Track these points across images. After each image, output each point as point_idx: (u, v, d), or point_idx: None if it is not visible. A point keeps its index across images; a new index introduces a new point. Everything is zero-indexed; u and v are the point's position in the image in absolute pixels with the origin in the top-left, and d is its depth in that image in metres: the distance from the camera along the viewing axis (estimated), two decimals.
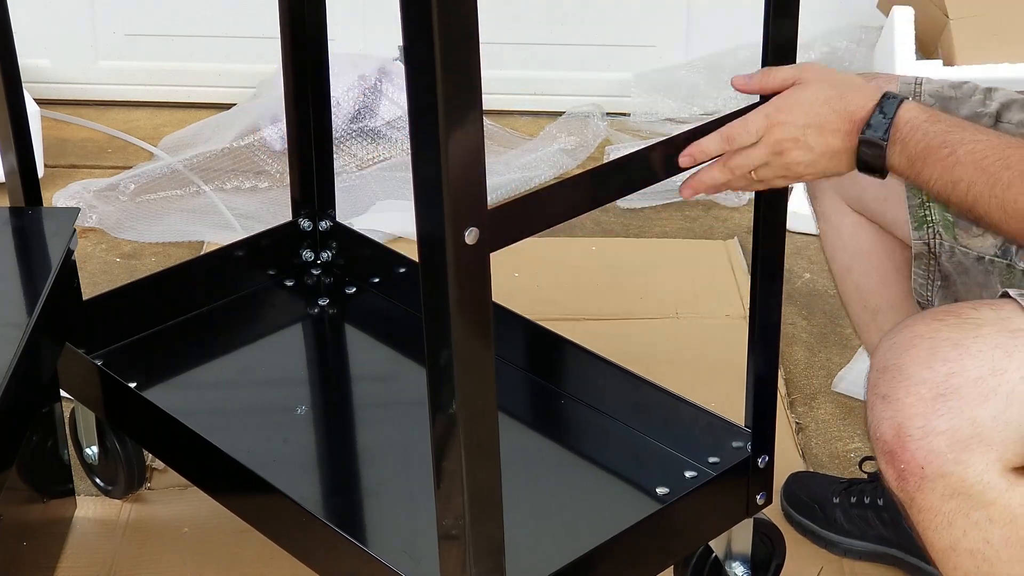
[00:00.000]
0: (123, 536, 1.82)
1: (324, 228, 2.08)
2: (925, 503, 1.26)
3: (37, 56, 3.19)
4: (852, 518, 1.81)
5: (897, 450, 1.25)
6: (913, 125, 1.34)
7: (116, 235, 2.63)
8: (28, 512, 1.67)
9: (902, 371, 1.25)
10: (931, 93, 1.56)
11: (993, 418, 1.21)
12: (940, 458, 1.23)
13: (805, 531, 1.85)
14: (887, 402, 1.25)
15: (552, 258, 2.52)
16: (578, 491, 1.67)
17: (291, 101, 2.03)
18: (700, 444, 1.67)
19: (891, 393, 1.25)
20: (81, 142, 3.04)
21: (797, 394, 2.18)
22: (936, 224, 1.54)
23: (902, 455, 1.24)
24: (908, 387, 1.24)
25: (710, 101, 3.07)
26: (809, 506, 1.86)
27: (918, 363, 1.24)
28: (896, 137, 1.34)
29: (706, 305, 2.40)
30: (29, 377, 1.54)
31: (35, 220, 1.75)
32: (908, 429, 1.23)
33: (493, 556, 1.30)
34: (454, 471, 1.24)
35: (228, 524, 1.83)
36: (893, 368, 1.26)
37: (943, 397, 1.22)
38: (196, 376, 1.90)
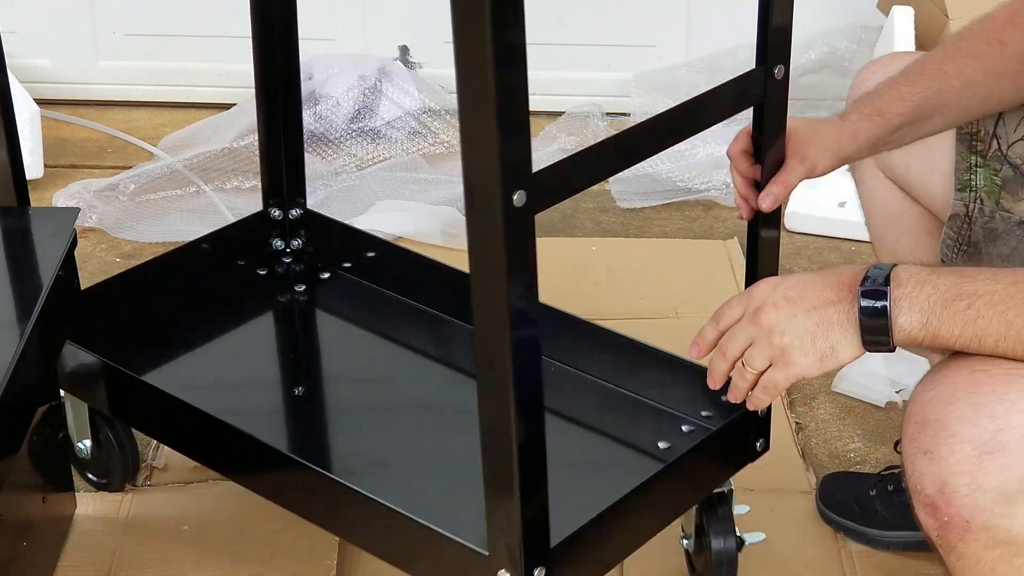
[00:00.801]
0: (123, 534, 1.82)
1: (295, 216, 2.09)
2: (967, 552, 1.24)
3: (37, 56, 3.19)
4: (893, 505, 1.81)
5: (941, 505, 1.23)
6: (918, 279, 1.25)
7: (116, 235, 2.63)
8: (28, 510, 1.68)
9: (946, 427, 1.22)
10: None
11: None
12: (986, 512, 1.21)
13: (845, 531, 1.85)
14: (930, 458, 1.22)
15: (552, 258, 2.51)
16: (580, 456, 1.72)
17: (260, 88, 2.04)
18: (691, 399, 1.73)
19: (934, 449, 1.22)
20: (81, 142, 3.04)
21: (797, 394, 2.18)
22: (979, 189, 1.56)
23: (946, 510, 1.22)
24: (953, 444, 1.21)
25: None
26: (846, 504, 1.86)
27: (962, 420, 1.21)
28: (900, 293, 1.24)
29: (706, 305, 2.39)
30: (29, 376, 1.55)
31: (35, 220, 1.75)
32: (953, 486, 1.21)
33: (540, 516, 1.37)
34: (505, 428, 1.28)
35: (228, 521, 1.83)
36: (935, 423, 1.22)
37: (990, 455, 1.20)
38: (185, 365, 1.91)
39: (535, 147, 3.21)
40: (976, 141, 1.57)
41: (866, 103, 1.55)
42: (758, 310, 1.33)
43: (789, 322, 1.30)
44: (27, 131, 2.76)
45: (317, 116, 2.96)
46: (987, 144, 1.57)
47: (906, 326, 1.24)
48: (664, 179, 2.83)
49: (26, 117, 2.76)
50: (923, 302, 1.23)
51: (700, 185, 2.79)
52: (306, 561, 1.75)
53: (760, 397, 1.36)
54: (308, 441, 1.80)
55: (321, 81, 3.00)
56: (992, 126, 1.59)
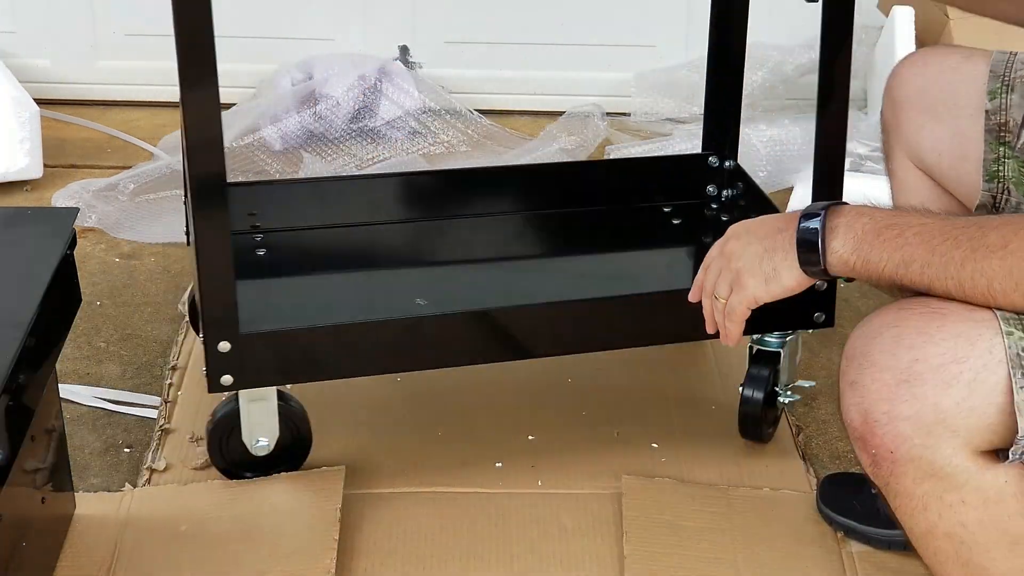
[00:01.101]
0: (122, 534, 1.82)
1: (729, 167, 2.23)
2: (899, 487, 1.29)
3: (37, 56, 3.19)
4: None
5: (866, 435, 1.28)
6: (857, 210, 1.36)
7: (115, 235, 2.63)
8: (28, 511, 1.68)
9: (868, 358, 1.28)
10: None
11: (956, 405, 1.24)
12: (908, 442, 1.26)
13: (846, 530, 1.85)
14: (854, 389, 1.28)
15: None
16: None
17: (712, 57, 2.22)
18: None
19: (858, 380, 1.28)
20: (81, 142, 3.04)
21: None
22: (1008, 180, 1.58)
23: (871, 440, 1.27)
24: (873, 373, 1.27)
25: None
26: (847, 504, 1.86)
27: (883, 351, 1.27)
28: (835, 223, 1.35)
29: None
30: (29, 377, 1.55)
31: (34, 220, 1.75)
32: (874, 415, 1.27)
33: None
34: None
35: (227, 521, 1.83)
36: (860, 355, 1.29)
37: (907, 383, 1.25)
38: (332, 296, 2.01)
39: (535, 147, 3.19)
40: (1004, 132, 1.59)
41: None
42: (725, 241, 1.46)
43: (744, 249, 1.43)
44: (27, 131, 2.77)
45: (317, 116, 2.96)
46: (1016, 135, 1.59)
47: (839, 249, 1.35)
48: None
49: (26, 117, 2.76)
50: (858, 230, 1.34)
51: None
52: (305, 561, 1.75)
53: (727, 326, 1.49)
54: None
55: (321, 81, 3.00)
56: (1020, 117, 1.61)
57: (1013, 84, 1.63)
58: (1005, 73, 1.64)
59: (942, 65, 1.69)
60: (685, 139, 2.91)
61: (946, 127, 1.67)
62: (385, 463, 1.98)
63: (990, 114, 1.62)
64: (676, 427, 2.07)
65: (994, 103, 1.62)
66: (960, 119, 1.64)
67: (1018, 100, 1.61)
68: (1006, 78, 1.64)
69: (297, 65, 3.06)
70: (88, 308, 2.37)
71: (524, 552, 1.81)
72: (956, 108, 1.66)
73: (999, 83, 1.63)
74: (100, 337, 2.31)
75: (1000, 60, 1.65)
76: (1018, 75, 1.63)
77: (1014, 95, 1.62)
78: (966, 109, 1.64)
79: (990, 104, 1.63)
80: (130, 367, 2.22)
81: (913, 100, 1.72)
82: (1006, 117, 1.61)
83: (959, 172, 1.66)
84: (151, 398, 2.14)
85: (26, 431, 1.61)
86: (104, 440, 2.05)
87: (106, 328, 2.33)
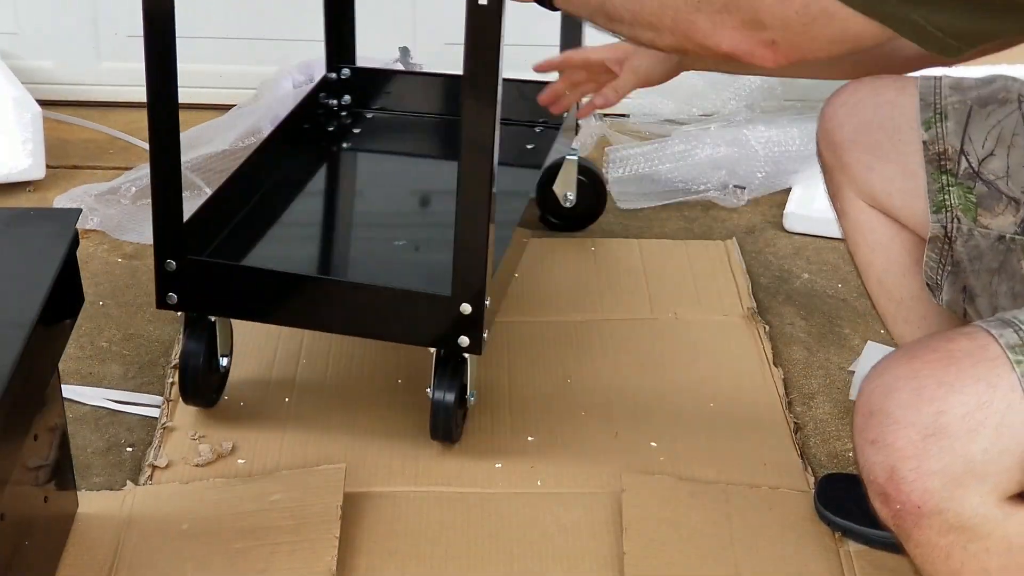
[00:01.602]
0: (124, 532, 1.83)
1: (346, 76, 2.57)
2: (922, 538, 1.27)
3: (40, 57, 3.19)
4: None
5: (891, 492, 1.26)
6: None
7: (118, 237, 2.63)
8: (30, 510, 1.68)
9: (889, 415, 1.26)
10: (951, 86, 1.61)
11: (984, 451, 1.23)
12: (935, 496, 1.24)
13: (844, 531, 1.86)
14: (877, 447, 1.27)
15: (552, 258, 2.53)
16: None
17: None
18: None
19: (880, 438, 1.26)
20: (83, 143, 3.04)
21: (795, 394, 2.19)
22: (955, 208, 1.56)
23: (896, 496, 1.26)
24: (897, 430, 1.25)
25: (709, 102, 3.08)
26: (845, 505, 1.86)
27: (904, 406, 1.25)
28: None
29: (705, 305, 2.41)
30: (31, 376, 1.55)
31: (37, 221, 1.76)
32: (901, 472, 1.25)
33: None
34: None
35: (229, 520, 1.84)
36: (879, 412, 1.27)
37: (933, 437, 1.23)
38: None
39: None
40: (945, 160, 1.58)
41: None
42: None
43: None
44: (29, 132, 2.77)
45: None
46: (956, 162, 1.58)
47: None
48: (664, 180, 2.83)
49: (28, 118, 2.76)
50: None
51: (699, 186, 2.80)
52: (306, 560, 1.76)
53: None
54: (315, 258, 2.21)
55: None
56: (959, 143, 1.60)
57: (945, 111, 1.61)
58: (935, 101, 1.62)
59: (877, 100, 1.67)
60: (684, 140, 2.91)
61: (894, 165, 1.66)
62: (385, 462, 1.98)
63: (928, 144, 1.61)
64: (675, 426, 2.08)
65: (930, 133, 1.61)
66: (906, 155, 1.62)
67: (953, 127, 1.60)
68: (937, 106, 1.62)
69: (298, 67, 3.07)
70: (91, 308, 2.37)
71: (524, 552, 1.82)
72: (900, 144, 1.64)
73: (931, 112, 1.62)
74: (103, 337, 2.31)
75: (927, 86, 1.63)
76: (948, 101, 1.61)
77: (949, 122, 1.61)
78: (910, 144, 1.62)
79: (927, 134, 1.61)
80: (132, 367, 2.23)
81: (856, 141, 1.69)
82: (944, 145, 1.60)
83: (913, 209, 1.64)
84: (153, 397, 2.15)
85: (29, 430, 1.61)
86: (106, 439, 2.06)
87: (109, 328, 2.34)
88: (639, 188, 2.82)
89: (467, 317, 1.87)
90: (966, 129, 1.59)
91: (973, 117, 1.60)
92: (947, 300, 1.59)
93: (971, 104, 1.61)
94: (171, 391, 2.14)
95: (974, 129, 1.59)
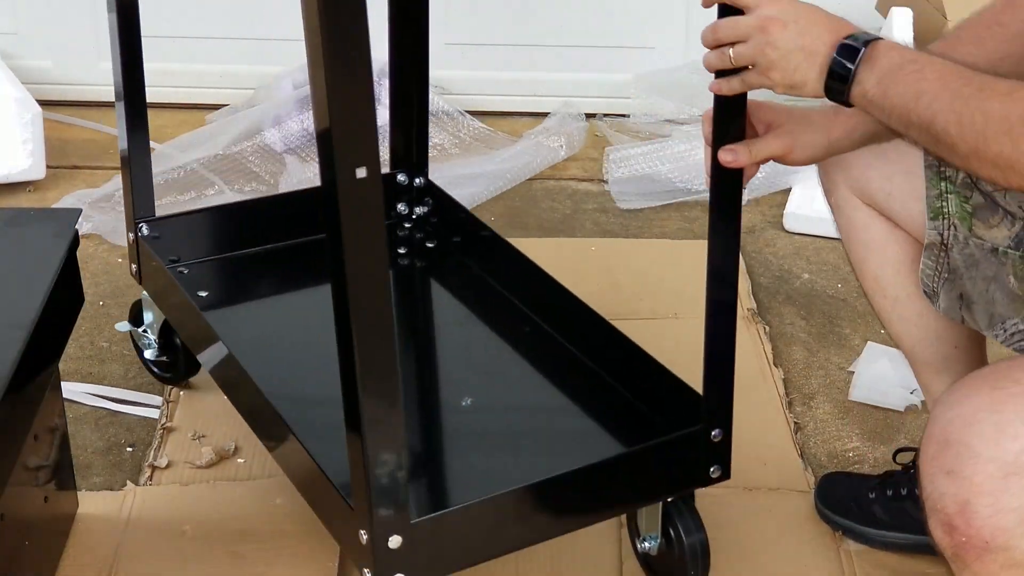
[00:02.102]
0: (124, 533, 1.83)
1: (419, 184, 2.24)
2: (983, 571, 1.26)
3: (40, 57, 3.20)
4: (892, 511, 1.82)
5: (960, 526, 1.24)
6: (889, 46, 1.36)
7: (114, 241, 2.63)
8: (30, 510, 1.68)
9: (969, 448, 1.23)
10: None
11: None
12: (1007, 533, 1.23)
13: (844, 529, 1.86)
14: (952, 478, 1.24)
15: (552, 258, 2.52)
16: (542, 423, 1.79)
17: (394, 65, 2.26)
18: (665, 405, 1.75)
19: (957, 470, 1.24)
20: (83, 143, 3.05)
21: (795, 394, 2.19)
22: (952, 216, 1.55)
23: (966, 530, 1.24)
24: (976, 465, 1.23)
25: (709, 102, 3.07)
26: (845, 504, 1.86)
27: (985, 439, 1.23)
28: (872, 54, 1.35)
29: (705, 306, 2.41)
30: (32, 377, 1.55)
31: (37, 221, 1.76)
32: (975, 507, 1.23)
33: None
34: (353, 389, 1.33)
35: (229, 521, 1.84)
36: (957, 444, 1.24)
37: (1016, 476, 1.21)
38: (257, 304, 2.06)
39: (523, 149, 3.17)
40: (944, 167, 1.57)
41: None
42: (771, 19, 1.41)
43: (788, 44, 1.40)
44: (29, 132, 2.77)
45: None
46: (955, 170, 1.57)
47: (864, 81, 1.35)
48: (663, 180, 2.83)
49: (28, 118, 2.77)
50: (884, 64, 1.34)
51: (699, 186, 2.80)
52: (307, 562, 1.76)
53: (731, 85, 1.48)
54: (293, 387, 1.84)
55: None
56: None
57: None
58: None
59: None
60: (684, 140, 2.91)
61: (895, 165, 1.65)
62: None
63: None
64: None
65: None
66: (908, 156, 1.60)
67: None
68: None
69: (299, 67, 3.07)
70: (91, 308, 2.37)
71: (524, 552, 1.82)
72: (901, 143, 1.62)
73: None
74: (103, 337, 2.31)
75: None
76: None
77: None
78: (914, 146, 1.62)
79: None
80: (132, 367, 2.23)
81: None
82: None
83: (911, 211, 1.63)
84: (153, 397, 2.15)
85: (29, 430, 1.61)
86: (106, 439, 2.06)
87: (108, 328, 2.34)
88: (639, 188, 2.82)
89: (719, 444, 1.64)
90: None
91: None
92: (944, 307, 1.58)
93: None
94: (170, 392, 2.14)
95: None
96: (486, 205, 2.76)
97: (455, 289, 2.11)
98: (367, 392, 1.32)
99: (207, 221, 2.13)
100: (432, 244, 2.20)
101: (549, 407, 1.81)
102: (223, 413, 2.08)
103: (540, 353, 1.91)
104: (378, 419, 1.34)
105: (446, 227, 2.21)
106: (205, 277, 2.07)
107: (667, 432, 1.65)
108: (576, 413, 1.78)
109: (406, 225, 2.23)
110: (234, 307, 2.04)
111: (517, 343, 1.94)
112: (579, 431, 1.76)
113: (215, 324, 1.85)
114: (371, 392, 1.32)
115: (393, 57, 2.20)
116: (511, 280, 2.06)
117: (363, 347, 1.30)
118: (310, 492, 1.62)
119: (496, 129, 3.07)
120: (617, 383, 1.82)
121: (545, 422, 1.79)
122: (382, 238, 1.27)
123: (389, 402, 1.34)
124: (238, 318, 2.01)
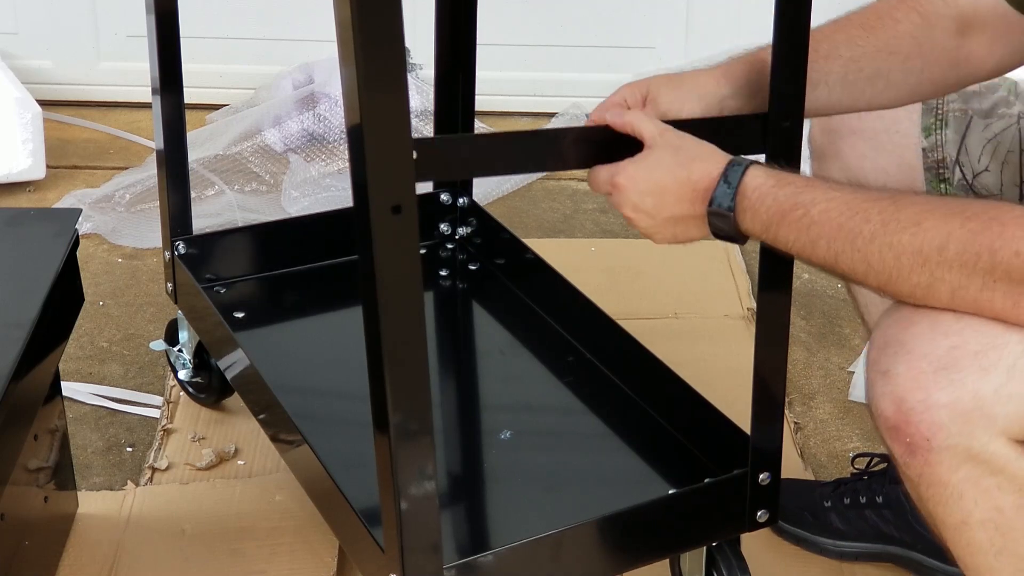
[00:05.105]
0: (124, 533, 1.83)
1: (462, 204, 2.17)
2: (934, 477, 1.24)
3: (40, 57, 3.20)
4: (849, 519, 1.80)
5: (900, 424, 1.24)
6: (761, 192, 1.32)
7: (114, 242, 2.63)
8: (30, 510, 1.68)
9: (903, 345, 1.24)
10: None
11: (995, 391, 1.20)
12: (944, 430, 1.22)
13: (797, 540, 1.83)
14: (887, 377, 1.24)
15: (552, 258, 2.52)
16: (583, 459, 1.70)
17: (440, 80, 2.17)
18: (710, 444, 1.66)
19: (892, 368, 1.24)
20: (83, 143, 3.05)
21: (795, 394, 2.19)
22: None
23: (906, 428, 1.23)
24: (909, 361, 1.23)
25: None
26: (798, 514, 1.84)
27: (919, 337, 1.23)
28: (744, 205, 1.32)
29: (705, 305, 2.41)
30: (32, 376, 1.55)
31: (37, 221, 1.76)
32: (909, 403, 1.22)
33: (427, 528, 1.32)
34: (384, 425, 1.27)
35: (228, 521, 1.84)
36: (894, 343, 1.25)
37: (944, 370, 1.21)
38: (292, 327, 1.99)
39: None
40: (943, 169, 1.57)
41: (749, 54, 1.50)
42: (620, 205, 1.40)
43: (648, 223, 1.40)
44: (29, 132, 2.78)
45: (317, 117, 2.97)
46: (951, 171, 1.57)
47: (751, 231, 1.34)
48: None
49: (28, 118, 2.77)
50: (763, 214, 1.31)
51: None
52: (306, 560, 1.76)
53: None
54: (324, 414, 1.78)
55: (322, 84, 3.01)
56: (955, 153, 1.59)
57: (946, 118, 1.60)
58: (938, 105, 1.61)
59: None
60: None
61: (891, 157, 1.64)
62: None
63: (927, 152, 1.60)
64: None
65: (930, 140, 1.60)
66: (904, 150, 1.60)
67: (952, 136, 1.59)
68: (939, 111, 1.61)
69: (299, 68, 3.07)
70: (91, 308, 2.37)
71: None
72: (897, 136, 1.61)
73: (932, 117, 1.60)
74: (103, 337, 2.32)
75: None
76: (950, 107, 1.59)
77: (948, 131, 1.59)
78: (908, 138, 1.60)
79: (926, 142, 1.60)
80: (132, 367, 2.23)
81: (853, 128, 1.66)
82: (943, 154, 1.59)
83: None
84: (153, 397, 2.15)
85: (29, 430, 1.62)
86: (106, 439, 2.06)
87: (108, 328, 2.34)
88: None
89: (766, 487, 1.55)
90: (964, 139, 1.59)
91: (972, 128, 1.59)
92: None
93: (972, 115, 1.60)
94: (171, 392, 2.14)
95: (971, 140, 1.58)
96: (486, 206, 2.75)
97: (497, 314, 2.05)
98: (398, 432, 1.26)
99: (245, 240, 2.06)
100: (475, 267, 2.13)
101: (591, 442, 1.74)
102: (223, 415, 2.08)
103: (582, 384, 1.84)
104: (410, 457, 1.28)
105: (489, 249, 2.15)
106: (242, 297, 2.01)
107: (713, 473, 1.59)
108: (619, 449, 1.72)
109: (448, 246, 2.17)
110: (268, 329, 1.97)
111: (559, 373, 1.88)
112: (621, 469, 1.69)
113: (248, 348, 1.79)
114: (402, 432, 1.26)
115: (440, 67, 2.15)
116: (555, 306, 1.99)
117: (395, 385, 1.24)
118: (342, 531, 1.57)
119: (497, 129, 3.07)
120: (662, 418, 1.74)
121: (586, 458, 1.71)
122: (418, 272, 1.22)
123: (422, 442, 1.28)
124: (271, 342, 1.94)
